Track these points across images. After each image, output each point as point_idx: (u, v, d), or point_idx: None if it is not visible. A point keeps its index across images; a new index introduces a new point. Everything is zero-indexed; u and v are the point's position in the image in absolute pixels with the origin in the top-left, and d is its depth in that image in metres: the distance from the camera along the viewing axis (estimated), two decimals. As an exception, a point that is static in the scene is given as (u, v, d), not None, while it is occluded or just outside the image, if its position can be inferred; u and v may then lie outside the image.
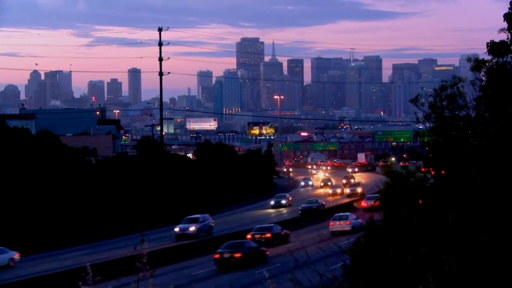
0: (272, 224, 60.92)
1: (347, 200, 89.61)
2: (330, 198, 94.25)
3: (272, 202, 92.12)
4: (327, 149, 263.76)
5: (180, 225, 62.59)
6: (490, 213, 14.71)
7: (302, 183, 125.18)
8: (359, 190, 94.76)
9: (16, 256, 54.90)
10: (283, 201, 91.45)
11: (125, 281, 32.84)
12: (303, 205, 78.71)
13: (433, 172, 17.94)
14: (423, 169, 20.90)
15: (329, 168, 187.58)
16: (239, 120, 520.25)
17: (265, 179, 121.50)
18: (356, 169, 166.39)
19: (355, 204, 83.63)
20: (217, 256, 45.81)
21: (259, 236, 54.83)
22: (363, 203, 77.59)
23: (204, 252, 52.86)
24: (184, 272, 45.45)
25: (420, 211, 15.85)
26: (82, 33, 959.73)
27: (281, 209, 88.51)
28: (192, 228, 61.58)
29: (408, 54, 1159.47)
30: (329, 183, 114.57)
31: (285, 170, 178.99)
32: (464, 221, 14.87)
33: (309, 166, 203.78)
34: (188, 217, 64.79)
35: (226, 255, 45.57)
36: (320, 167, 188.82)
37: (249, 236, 54.55)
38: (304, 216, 74.45)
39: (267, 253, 48.07)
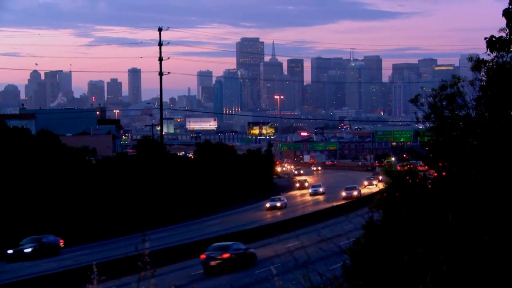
0: None
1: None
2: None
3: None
4: (327, 149, 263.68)
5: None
6: (490, 213, 14.75)
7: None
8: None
9: None
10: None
11: (126, 281, 32.83)
12: None
13: (435, 174, 17.94)
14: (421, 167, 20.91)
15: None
16: (239, 120, 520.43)
17: (265, 179, 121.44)
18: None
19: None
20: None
21: None
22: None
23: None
24: (184, 272, 45.46)
25: (420, 211, 15.88)
26: (82, 33, 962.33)
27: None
28: None
29: (408, 54, 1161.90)
30: None
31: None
32: (464, 221, 14.90)
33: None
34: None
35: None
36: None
37: None
38: None
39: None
